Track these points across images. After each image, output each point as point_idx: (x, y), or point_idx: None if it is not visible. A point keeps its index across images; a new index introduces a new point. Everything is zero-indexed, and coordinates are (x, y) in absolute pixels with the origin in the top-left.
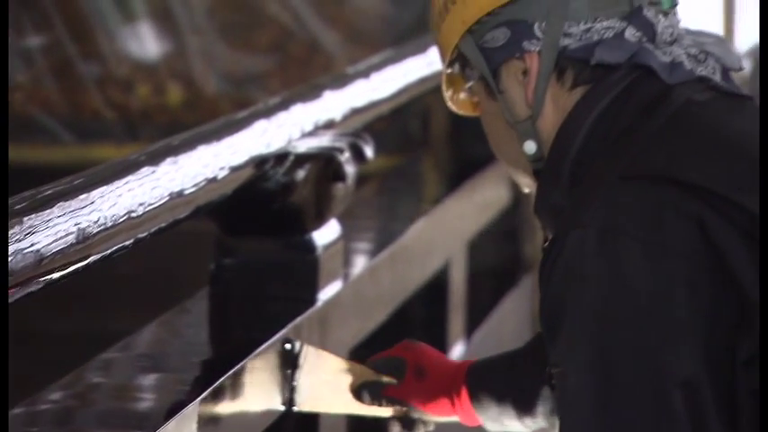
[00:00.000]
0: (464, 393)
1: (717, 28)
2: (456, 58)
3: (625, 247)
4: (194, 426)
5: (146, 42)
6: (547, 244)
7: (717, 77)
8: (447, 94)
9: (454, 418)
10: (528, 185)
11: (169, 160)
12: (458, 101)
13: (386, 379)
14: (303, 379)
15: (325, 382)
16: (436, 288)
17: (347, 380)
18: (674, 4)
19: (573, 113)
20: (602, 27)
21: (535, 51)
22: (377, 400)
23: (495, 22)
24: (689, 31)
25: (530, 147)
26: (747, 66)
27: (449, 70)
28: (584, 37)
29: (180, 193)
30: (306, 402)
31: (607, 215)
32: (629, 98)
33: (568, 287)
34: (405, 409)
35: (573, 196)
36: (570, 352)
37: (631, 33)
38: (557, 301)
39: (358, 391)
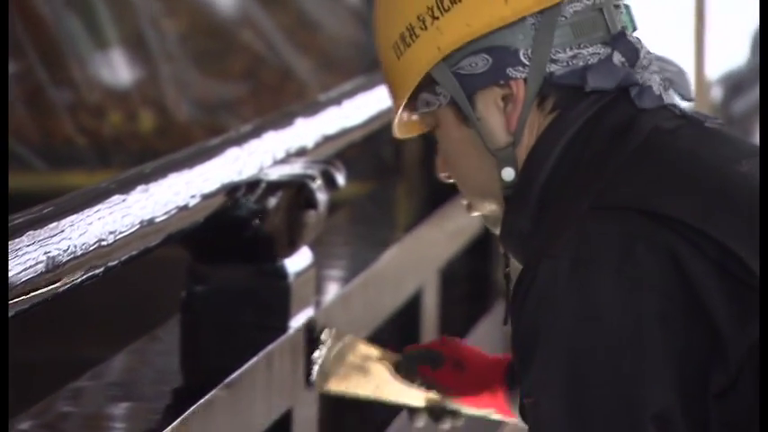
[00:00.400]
0: (502, 388)
1: (687, 56)
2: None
3: (597, 278)
4: None
5: (118, 69)
6: (513, 273)
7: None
8: (399, 118)
9: (485, 412)
10: (492, 212)
11: (140, 188)
12: (404, 125)
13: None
14: (332, 361)
15: (356, 366)
16: (409, 315)
17: (379, 365)
18: (635, 29)
19: (543, 138)
20: (587, 53)
21: (521, 78)
22: (412, 374)
23: (473, 49)
24: (656, 57)
25: (508, 174)
26: (718, 94)
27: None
28: (571, 63)
29: (151, 221)
30: (334, 384)
31: (579, 246)
32: (598, 124)
33: (541, 317)
34: (437, 397)
35: (542, 224)
36: (543, 381)
37: (617, 58)
38: (529, 330)
39: (396, 364)
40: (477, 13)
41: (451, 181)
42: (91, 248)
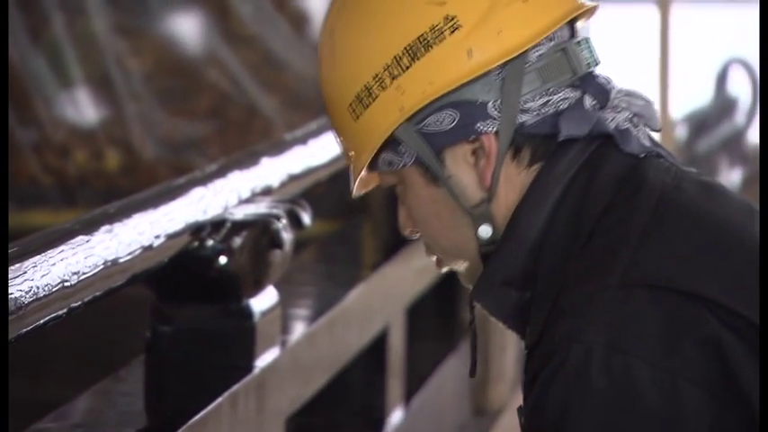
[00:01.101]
0: None
1: (652, 96)
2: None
3: (633, 368)
4: None
5: (83, 108)
6: (535, 353)
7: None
8: (360, 180)
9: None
10: (466, 269)
11: (104, 228)
12: (361, 181)
13: None
14: None
15: None
16: (375, 353)
17: None
18: (597, 63)
19: (532, 191)
20: (557, 99)
21: (492, 132)
22: None
23: (438, 105)
24: (624, 91)
25: (485, 231)
26: (683, 132)
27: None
28: (542, 111)
29: (115, 262)
30: None
31: (614, 332)
32: (596, 174)
33: (572, 400)
34: None
35: (550, 288)
36: None
37: (588, 102)
38: (557, 410)
39: None
40: (439, 69)
41: (417, 237)
42: (54, 290)
